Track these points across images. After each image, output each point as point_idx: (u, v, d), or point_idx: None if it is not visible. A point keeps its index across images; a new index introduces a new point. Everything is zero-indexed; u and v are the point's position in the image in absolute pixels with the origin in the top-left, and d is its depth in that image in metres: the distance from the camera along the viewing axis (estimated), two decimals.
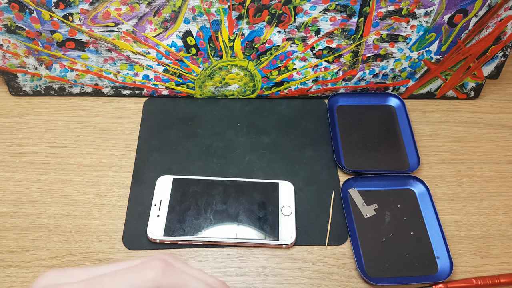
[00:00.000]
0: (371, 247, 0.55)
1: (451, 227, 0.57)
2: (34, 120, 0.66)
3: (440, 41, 0.63)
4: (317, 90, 0.69)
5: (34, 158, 0.62)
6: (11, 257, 0.53)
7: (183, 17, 0.60)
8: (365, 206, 0.59)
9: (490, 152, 0.65)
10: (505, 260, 0.55)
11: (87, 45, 0.63)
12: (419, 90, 0.70)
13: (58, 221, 0.56)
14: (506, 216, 0.59)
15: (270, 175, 0.61)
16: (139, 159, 0.62)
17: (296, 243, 0.55)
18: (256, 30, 0.61)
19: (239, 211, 0.57)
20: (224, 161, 0.62)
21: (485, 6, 0.59)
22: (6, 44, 0.62)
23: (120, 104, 0.69)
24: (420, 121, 0.68)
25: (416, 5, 0.59)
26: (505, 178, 0.62)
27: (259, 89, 0.68)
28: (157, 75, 0.66)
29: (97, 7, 0.58)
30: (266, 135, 0.65)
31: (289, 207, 0.57)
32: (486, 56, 0.65)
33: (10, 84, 0.67)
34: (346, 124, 0.67)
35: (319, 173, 0.62)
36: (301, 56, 0.64)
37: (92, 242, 0.55)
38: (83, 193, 0.59)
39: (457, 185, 0.61)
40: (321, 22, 0.61)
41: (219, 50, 0.63)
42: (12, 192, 0.59)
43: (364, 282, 0.52)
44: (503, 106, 0.71)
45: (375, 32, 0.62)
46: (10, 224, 0.56)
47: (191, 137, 0.65)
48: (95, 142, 0.64)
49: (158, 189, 0.58)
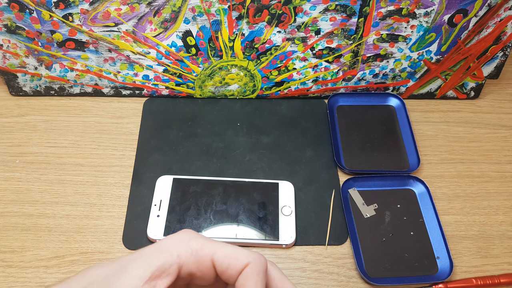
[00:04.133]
0: (371, 247, 0.55)
1: (451, 227, 0.57)
2: (34, 120, 0.66)
3: (440, 41, 0.63)
4: (317, 90, 0.69)
5: (34, 158, 0.62)
6: (11, 257, 0.53)
7: (183, 17, 0.60)
8: (365, 206, 0.59)
9: (490, 152, 0.65)
10: (505, 260, 0.55)
11: (87, 45, 0.63)
12: (419, 90, 0.70)
13: (58, 221, 0.56)
14: (506, 216, 0.59)
15: (270, 175, 0.61)
16: (139, 159, 0.62)
17: (296, 243, 0.55)
18: (256, 30, 0.61)
19: (239, 211, 0.57)
20: (224, 161, 0.62)
21: (485, 6, 0.59)
22: (6, 44, 0.62)
23: (120, 104, 0.69)
24: (420, 121, 0.68)
25: (416, 5, 0.59)
26: (505, 178, 0.62)
27: (259, 89, 0.68)
28: (157, 75, 0.66)
29: (97, 7, 0.58)
30: (266, 135, 0.65)
31: (289, 207, 0.57)
32: (486, 56, 0.65)
33: (10, 84, 0.67)
34: (346, 124, 0.67)
35: (319, 173, 0.62)
36: (301, 56, 0.64)
37: (92, 242, 0.55)
38: (83, 193, 0.59)
39: (457, 185, 0.61)
40: (321, 22, 0.61)
41: (219, 50, 0.63)
42: (12, 192, 0.59)
43: (364, 282, 0.52)
44: (503, 106, 0.71)
45: (375, 32, 0.62)
46: (10, 224, 0.56)
47: (191, 137, 0.65)
48: (95, 142, 0.64)
49: (158, 189, 0.58)
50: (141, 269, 0.27)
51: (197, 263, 0.28)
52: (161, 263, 0.27)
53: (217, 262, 0.28)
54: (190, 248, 0.28)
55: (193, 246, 0.29)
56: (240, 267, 0.28)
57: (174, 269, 0.28)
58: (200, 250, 0.28)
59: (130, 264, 0.27)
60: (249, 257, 0.28)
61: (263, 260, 0.29)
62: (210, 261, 0.28)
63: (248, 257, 0.28)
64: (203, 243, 0.29)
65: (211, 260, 0.28)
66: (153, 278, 0.27)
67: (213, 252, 0.29)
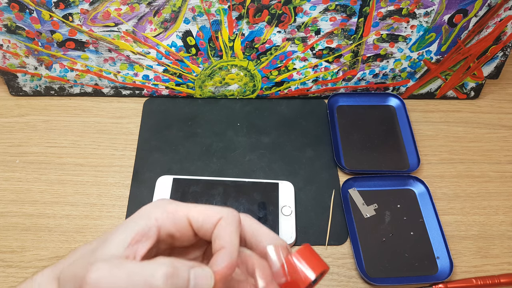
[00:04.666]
0: (371, 247, 0.55)
1: (451, 227, 0.57)
2: (34, 120, 0.66)
3: (440, 41, 0.63)
4: (317, 90, 0.69)
5: (34, 158, 0.62)
6: (11, 257, 0.53)
7: (183, 17, 0.60)
8: (365, 206, 0.59)
9: (490, 152, 0.65)
10: (505, 260, 0.55)
11: (87, 45, 0.63)
12: (419, 90, 0.70)
13: (58, 221, 0.56)
14: (506, 216, 0.59)
15: (270, 175, 0.61)
16: (139, 159, 0.62)
17: (296, 243, 0.55)
18: (256, 30, 0.61)
19: (239, 211, 0.56)
20: (224, 161, 0.62)
21: (485, 6, 0.59)
22: (6, 44, 0.62)
23: (120, 104, 0.69)
24: (420, 121, 0.68)
25: (416, 5, 0.59)
26: (505, 178, 0.62)
27: (259, 89, 0.68)
28: (157, 75, 0.66)
29: (97, 7, 0.58)
30: (266, 135, 0.65)
31: (289, 207, 0.57)
32: (486, 56, 0.65)
33: (10, 84, 0.67)
34: (346, 124, 0.67)
35: (319, 173, 0.62)
36: (301, 56, 0.64)
37: None
38: (83, 193, 0.59)
39: (457, 185, 0.61)
40: (321, 22, 0.61)
41: (219, 50, 0.63)
42: (12, 192, 0.59)
43: (364, 282, 0.52)
44: (503, 106, 0.71)
45: (375, 32, 0.62)
46: (10, 224, 0.56)
47: (191, 137, 0.65)
48: (95, 142, 0.64)
49: (158, 189, 0.58)
50: (122, 236, 0.29)
51: (175, 224, 0.30)
52: (140, 228, 0.29)
53: (193, 219, 0.30)
54: (166, 211, 0.30)
55: (169, 208, 0.31)
56: (215, 220, 0.30)
57: (153, 231, 0.30)
58: (175, 212, 0.30)
59: (113, 234, 0.29)
60: (221, 212, 0.31)
61: (235, 213, 0.31)
62: (186, 220, 0.30)
63: (221, 211, 0.31)
64: (178, 205, 0.31)
65: (187, 219, 0.30)
66: (134, 243, 0.28)
67: (187, 210, 0.31)
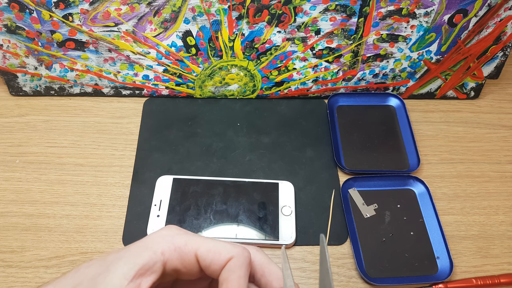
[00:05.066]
0: (371, 247, 0.55)
1: (451, 227, 0.57)
2: (34, 120, 0.66)
3: (440, 41, 0.63)
4: (317, 90, 0.69)
5: (34, 158, 0.62)
6: (11, 257, 0.53)
7: (183, 17, 0.60)
8: (365, 206, 0.59)
9: (490, 152, 0.65)
10: (505, 260, 0.55)
11: (87, 45, 0.63)
12: (419, 90, 0.70)
13: (58, 221, 0.56)
14: (506, 216, 0.59)
15: (270, 175, 0.61)
16: (139, 159, 0.62)
17: (296, 243, 0.55)
18: (256, 30, 0.61)
19: (239, 211, 0.57)
20: (224, 161, 0.62)
21: (485, 6, 0.59)
22: (6, 44, 0.62)
23: (120, 104, 0.69)
24: (420, 121, 0.68)
25: (416, 5, 0.59)
26: (505, 178, 0.62)
27: (259, 89, 0.68)
28: (157, 75, 0.66)
29: (97, 7, 0.58)
30: (266, 135, 0.65)
31: (289, 207, 0.57)
32: (486, 56, 0.65)
33: (10, 84, 0.67)
34: (346, 124, 0.67)
35: (319, 173, 0.62)
36: (301, 56, 0.64)
37: (92, 242, 0.55)
38: (83, 193, 0.59)
39: (457, 185, 0.61)
40: (321, 22, 0.61)
41: (219, 50, 0.63)
42: (12, 192, 0.59)
43: (364, 282, 0.52)
44: (503, 106, 0.71)
45: (375, 32, 0.62)
46: (10, 224, 0.56)
47: (191, 137, 0.65)
48: (95, 142, 0.64)
49: (158, 189, 0.58)
50: (126, 267, 0.28)
51: (181, 259, 0.29)
52: (146, 261, 0.28)
53: (201, 257, 0.29)
54: (173, 245, 0.29)
55: (177, 242, 0.29)
56: (223, 261, 0.29)
57: (158, 266, 0.28)
58: (184, 246, 0.29)
59: (116, 263, 0.28)
60: (232, 251, 0.29)
61: (246, 254, 0.29)
62: (194, 257, 0.29)
63: (231, 251, 0.29)
64: (187, 239, 0.29)
65: (194, 256, 0.29)
66: (138, 276, 0.27)
67: (196, 247, 0.29)
